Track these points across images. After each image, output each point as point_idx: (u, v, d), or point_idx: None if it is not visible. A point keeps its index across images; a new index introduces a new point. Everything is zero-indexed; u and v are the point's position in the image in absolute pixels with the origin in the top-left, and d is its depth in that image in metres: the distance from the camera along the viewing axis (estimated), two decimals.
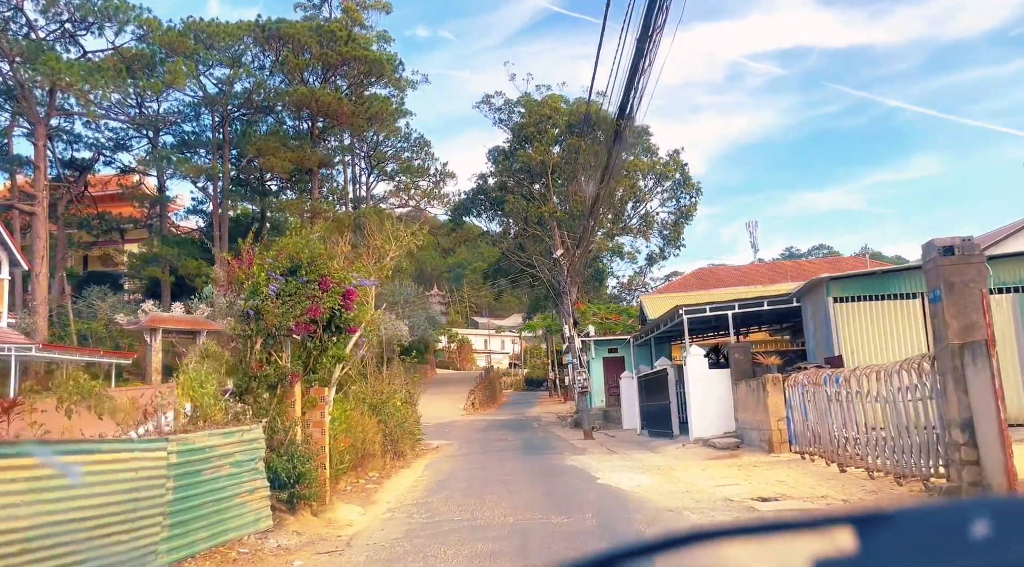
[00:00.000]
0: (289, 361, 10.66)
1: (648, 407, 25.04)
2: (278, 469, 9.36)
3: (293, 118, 47.94)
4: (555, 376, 55.59)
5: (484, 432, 30.60)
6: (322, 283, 11.17)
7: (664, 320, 22.68)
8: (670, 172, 45.11)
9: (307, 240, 11.60)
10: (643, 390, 25.86)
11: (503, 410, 45.24)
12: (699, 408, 19.93)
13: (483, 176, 48.32)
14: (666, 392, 22.59)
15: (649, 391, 24.76)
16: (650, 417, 24.88)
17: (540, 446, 23.85)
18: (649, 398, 24.79)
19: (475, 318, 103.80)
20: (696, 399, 19.97)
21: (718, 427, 19.74)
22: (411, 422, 23.34)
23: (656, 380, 23.67)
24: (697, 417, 19.91)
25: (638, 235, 50.07)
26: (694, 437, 19.89)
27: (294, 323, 10.46)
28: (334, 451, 12.90)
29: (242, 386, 9.87)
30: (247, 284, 10.34)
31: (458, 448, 24.81)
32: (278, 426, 9.97)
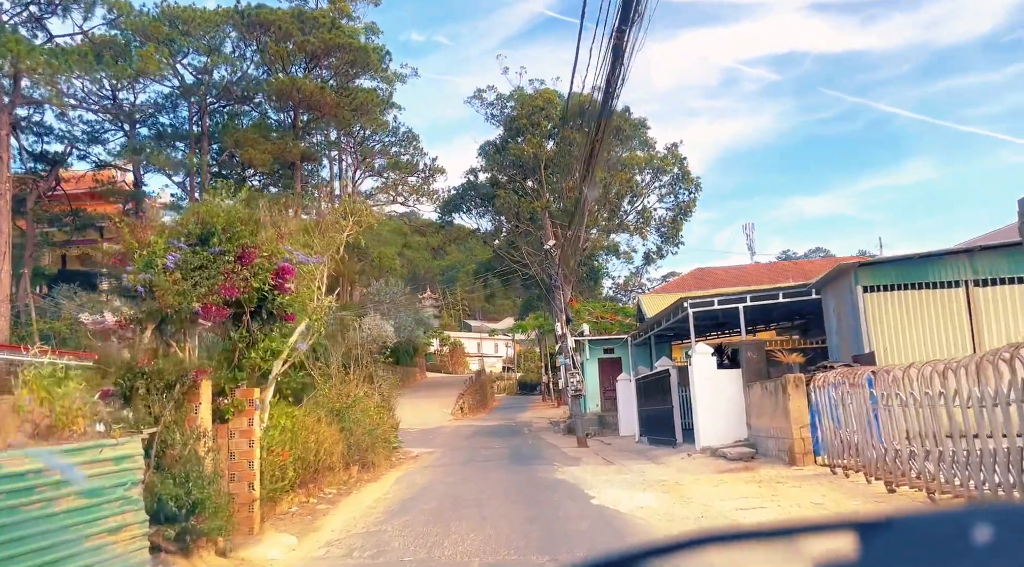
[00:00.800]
0: (195, 354, 8.20)
1: (648, 412, 22.59)
2: (164, 496, 6.90)
3: (276, 110, 45.48)
4: (548, 379, 53.09)
5: (470, 439, 28.13)
6: (244, 256, 8.72)
7: (666, 315, 20.25)
8: (668, 166, 42.73)
9: (228, 209, 9.14)
10: (642, 393, 23.42)
11: (493, 415, 42.74)
12: (706, 413, 17.50)
13: (473, 171, 45.92)
14: (668, 395, 20.16)
15: (649, 394, 22.32)
16: (650, 423, 22.43)
17: (528, 455, 21.38)
18: (649, 402, 22.35)
19: (468, 321, 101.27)
20: (703, 403, 17.54)
21: (728, 434, 17.31)
22: (385, 429, 20.93)
23: (657, 382, 21.24)
24: (704, 423, 17.47)
25: (635, 233, 47.67)
26: (701, 446, 17.44)
27: (201, 305, 8.00)
28: (270, 467, 10.43)
29: (124, 386, 7.40)
30: (140, 255, 7.88)
31: (439, 457, 22.35)
32: (175, 438, 7.51)
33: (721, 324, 24.65)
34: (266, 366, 10.14)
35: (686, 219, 43.96)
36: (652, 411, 21.90)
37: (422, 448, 25.53)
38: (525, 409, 46.63)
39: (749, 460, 15.70)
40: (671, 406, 20.02)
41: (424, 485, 15.45)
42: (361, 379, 20.12)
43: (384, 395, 24.99)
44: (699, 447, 17.47)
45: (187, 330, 8.17)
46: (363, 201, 52.45)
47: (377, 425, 19.94)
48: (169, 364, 7.64)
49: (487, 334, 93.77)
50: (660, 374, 20.75)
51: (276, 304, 9.55)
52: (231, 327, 9.41)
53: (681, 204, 43.93)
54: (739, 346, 17.57)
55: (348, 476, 16.30)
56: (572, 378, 23.75)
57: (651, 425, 22.33)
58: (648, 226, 43.10)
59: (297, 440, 12.21)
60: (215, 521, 7.41)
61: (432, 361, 78.74)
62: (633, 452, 20.93)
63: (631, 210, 43.45)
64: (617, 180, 40.95)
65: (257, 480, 9.61)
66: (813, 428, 13.82)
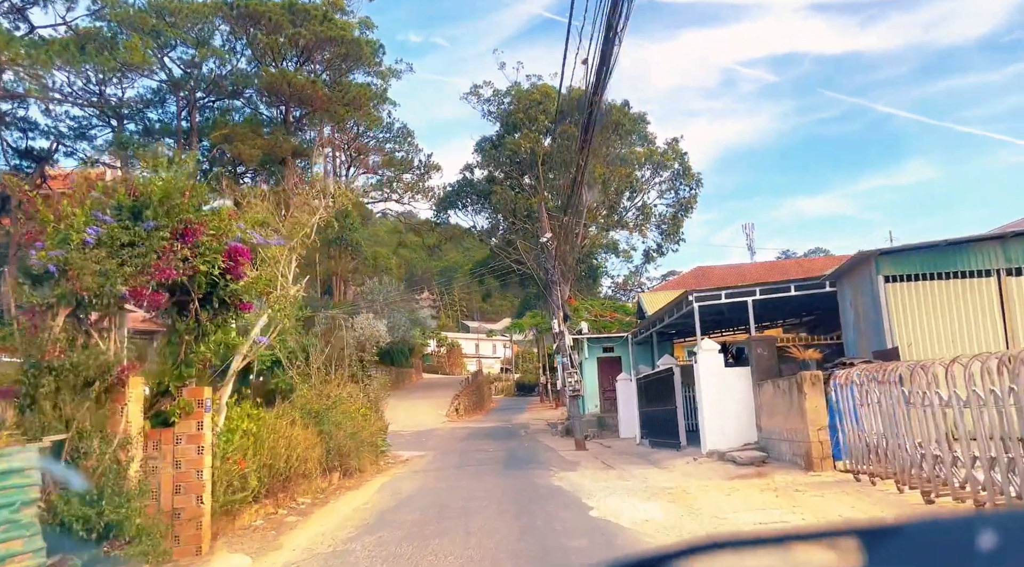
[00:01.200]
0: (122, 346, 6.93)
1: (650, 413, 21.33)
2: (68, 518, 5.63)
3: (267, 105, 44.28)
4: (547, 380, 51.82)
5: (464, 441, 26.86)
6: (185, 233, 7.46)
7: (670, 310, 18.97)
8: (669, 161, 41.50)
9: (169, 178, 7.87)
10: (644, 394, 22.15)
11: (490, 417, 41.46)
12: (713, 414, 16.23)
13: (469, 167, 44.68)
14: (671, 396, 18.89)
15: (651, 395, 21.06)
16: (652, 425, 21.16)
17: (524, 459, 20.12)
18: (651, 403, 21.08)
19: (466, 322, 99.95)
20: (709, 403, 16.27)
21: (736, 437, 16.04)
22: (372, 432, 19.69)
23: (659, 382, 19.97)
24: (711, 425, 16.20)
25: (634, 231, 46.45)
26: (707, 449, 16.17)
27: (128, 288, 6.73)
28: (226, 476, 9.15)
29: (28, 383, 6.13)
30: (54, 228, 6.62)
31: (430, 461, 21.09)
32: (90, 447, 6.24)
33: (726, 321, 23.41)
34: (220, 361, 8.87)
35: (687, 216, 42.76)
36: (654, 412, 20.64)
37: (413, 451, 24.29)
38: (523, 410, 45.36)
39: (760, 465, 14.44)
40: (674, 407, 18.76)
41: (409, 493, 14.18)
42: (344, 379, 18.78)
43: (372, 396, 23.79)
44: (705, 450, 16.21)
45: (113, 318, 6.91)
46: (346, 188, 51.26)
47: (362, 428, 18.69)
48: (86, 358, 6.37)
49: (485, 335, 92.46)
50: (663, 373, 19.48)
51: (228, 291, 8.28)
52: (176, 317, 8.14)
53: (682, 200, 42.70)
54: (747, 343, 16.30)
55: (328, 483, 15.03)
56: (570, 378, 22.48)
57: (653, 427, 21.07)
58: (648, 223, 41.87)
59: (263, 446, 10.94)
60: (137, 546, 6.14)
61: (429, 362, 77.46)
62: (634, 455, 19.67)
63: (631, 206, 42.21)
64: (616, 175, 39.71)
65: (207, 492, 8.34)
66: (832, 430, 12.56)
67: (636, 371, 23.29)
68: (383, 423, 21.75)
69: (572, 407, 22.90)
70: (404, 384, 49.58)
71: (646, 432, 22.10)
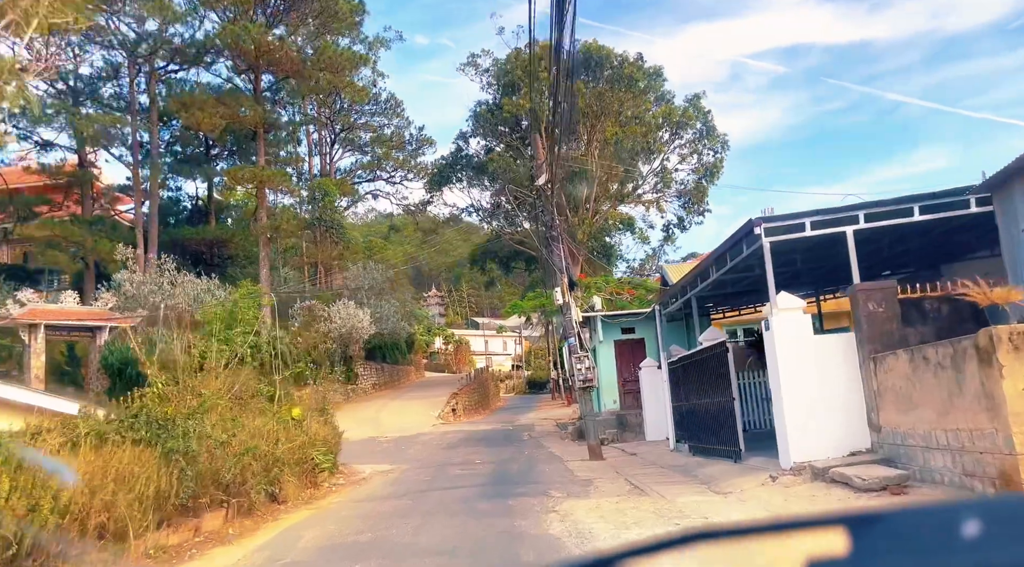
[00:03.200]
0: None
1: (689, 409, 15.28)
2: None
3: (234, 71, 38.45)
4: (558, 376, 45.82)
5: (451, 450, 20.93)
6: None
7: (717, 259, 12.88)
8: (690, 120, 35.36)
9: None
10: (679, 383, 16.12)
11: (493, 417, 35.48)
12: (800, 406, 10.20)
13: (464, 135, 38.75)
14: (724, 383, 12.87)
15: (690, 384, 15.00)
16: (693, 424, 15.12)
17: (517, 477, 14.14)
18: (691, 394, 15.03)
19: (475, 319, 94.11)
20: (794, 390, 10.25)
21: (838, 441, 10.03)
22: (301, 445, 13.84)
23: (703, 365, 13.93)
24: (797, 423, 10.17)
25: (652, 206, 40.37)
26: (793, 461, 10.12)
27: None
28: None
29: None
30: None
31: (391, 481, 15.22)
32: None
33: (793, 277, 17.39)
34: None
35: (712, 182, 36.60)
36: (697, 407, 14.58)
37: (382, 464, 18.46)
38: (531, 409, 39.35)
39: (900, 491, 8.40)
40: (729, 399, 12.71)
41: (312, 547, 8.30)
42: (218, 370, 12.91)
43: (319, 398, 18.00)
44: (789, 463, 10.16)
45: None
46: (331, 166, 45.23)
47: (282, 441, 12.85)
48: None
49: (495, 331, 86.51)
50: (709, 352, 13.43)
51: None
52: None
53: (706, 165, 36.54)
54: (851, 296, 10.22)
55: (186, 534, 9.12)
56: (579, 364, 16.48)
57: (695, 427, 15.02)
58: (669, 189, 35.73)
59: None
60: None
61: (436, 360, 71.74)
62: (671, 469, 13.64)
63: (648, 173, 36.07)
64: (630, 135, 33.62)
65: None
66: None
67: (667, 354, 17.25)
68: (327, 431, 15.86)
69: (584, 403, 16.89)
70: (400, 383, 43.73)
71: (684, 434, 16.06)
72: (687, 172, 36.67)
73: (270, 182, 35.81)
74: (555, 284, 16.97)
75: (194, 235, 40.58)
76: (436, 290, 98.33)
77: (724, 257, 12.46)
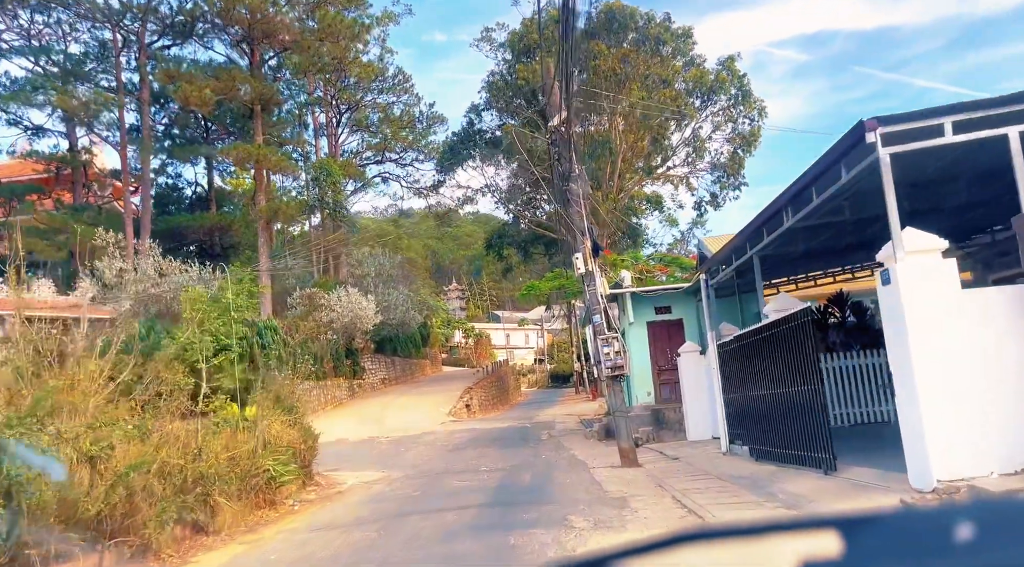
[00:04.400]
0: None
1: (750, 401, 11.68)
2: None
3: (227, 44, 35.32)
4: (581, 368, 42.32)
5: (456, 453, 17.55)
6: None
7: (803, 190, 9.18)
8: (724, 83, 31.59)
9: None
10: (735, 368, 12.54)
11: (511, 413, 32.05)
12: (945, 395, 6.65)
13: (476, 108, 35.26)
14: (806, 366, 9.31)
15: (752, 369, 11.41)
16: (756, 421, 11.53)
17: (528, 493, 10.68)
18: (752, 382, 11.44)
19: (497, 312, 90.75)
20: (935, 370, 6.70)
21: (1010, 448, 6.44)
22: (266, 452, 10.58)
23: (773, 342, 10.34)
24: (944, 420, 6.60)
25: (680, 184, 36.63)
26: (937, 479, 6.54)
27: None
28: None
29: None
30: None
31: (371, 497, 11.90)
32: None
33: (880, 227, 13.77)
34: None
35: (748, 153, 32.77)
36: (761, 399, 11.00)
37: (371, 472, 15.20)
38: (553, 404, 35.86)
39: None
40: (815, 387, 9.15)
41: None
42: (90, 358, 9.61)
43: (286, 393, 14.77)
44: (932, 481, 6.59)
45: None
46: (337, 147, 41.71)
47: (218, 451, 9.55)
48: None
49: (517, 324, 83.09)
50: (784, 325, 9.85)
51: None
52: None
53: (742, 134, 32.74)
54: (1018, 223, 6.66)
55: None
56: (606, 347, 12.97)
57: (758, 424, 11.44)
58: (701, 160, 32.00)
59: None
60: None
61: (456, 354, 68.52)
62: (732, 481, 10.07)
63: (679, 143, 32.35)
64: (659, 100, 29.96)
65: None
66: None
67: (715, 335, 13.68)
68: (293, 434, 12.53)
69: (613, 395, 13.35)
70: (413, 377, 40.43)
71: (741, 434, 12.50)
72: (721, 141, 32.93)
73: (267, 161, 32.60)
74: (571, 234, 13.44)
75: (192, 222, 37.58)
76: (456, 283, 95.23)
77: (806, 192, 8.86)
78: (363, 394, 32.25)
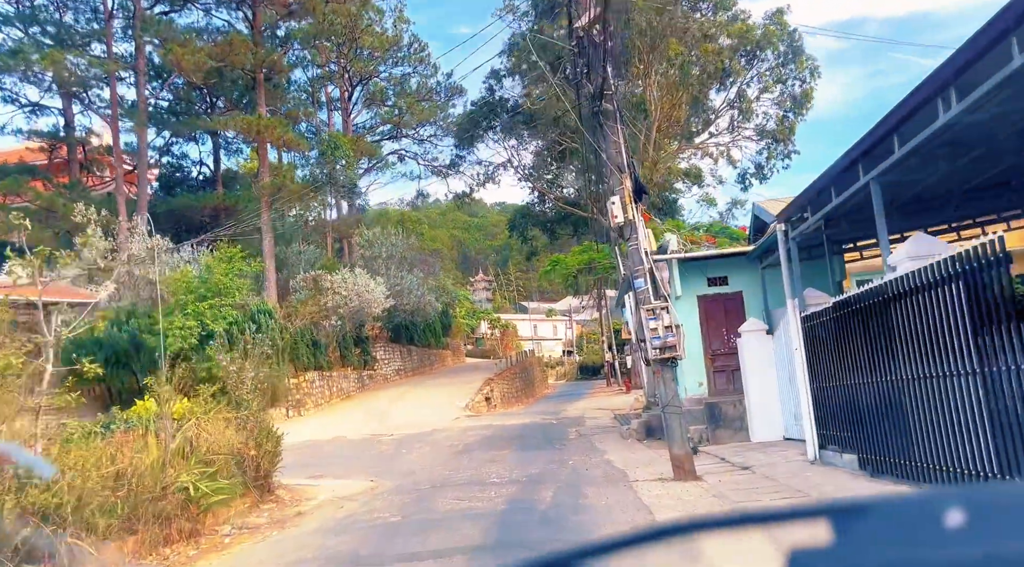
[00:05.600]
0: None
1: (866, 392, 8.24)
2: None
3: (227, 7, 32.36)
4: (612, 358, 38.92)
5: (463, 456, 14.32)
6: None
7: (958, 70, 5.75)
8: (772, 38, 27.90)
9: None
10: (834, 348, 9.10)
11: (535, 407, 28.78)
12: None
13: (496, 74, 31.91)
14: (959, 341, 5.86)
15: (866, 348, 7.99)
16: (865, 419, 8.10)
17: (543, 532, 7.36)
18: (869, 367, 8.03)
19: (524, 303, 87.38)
20: None
21: None
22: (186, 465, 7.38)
23: (910, 306, 6.93)
24: None
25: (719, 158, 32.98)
26: None
27: None
28: None
29: None
30: None
31: (334, 526, 8.72)
32: None
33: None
34: None
35: (800, 116, 29.04)
36: (877, 389, 7.59)
37: (356, 481, 12.14)
38: (582, 397, 32.49)
39: None
40: (965, 373, 5.71)
41: None
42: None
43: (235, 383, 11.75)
44: None
45: None
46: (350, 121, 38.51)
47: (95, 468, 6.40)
48: None
49: (544, 315, 79.69)
50: (926, 279, 6.47)
51: None
52: None
53: (792, 95, 29.01)
54: None
55: None
56: (653, 320, 9.65)
57: (869, 424, 8.02)
58: (747, 124, 28.33)
59: None
60: None
61: (482, 346, 65.41)
62: None
63: (723, 104, 28.71)
64: (700, 55, 26.38)
65: None
66: None
67: (796, 305, 10.25)
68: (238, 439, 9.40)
69: (663, 385, 9.96)
70: (431, 368, 37.32)
71: (841, 435, 9.07)
72: (768, 105, 29.21)
73: (270, 134, 29.60)
74: (604, 171, 10.05)
75: (195, 203, 34.81)
76: (483, 274, 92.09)
77: (976, 65, 5.42)
78: (374, 386, 29.21)
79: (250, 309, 23.02)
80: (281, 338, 23.20)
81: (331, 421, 22.34)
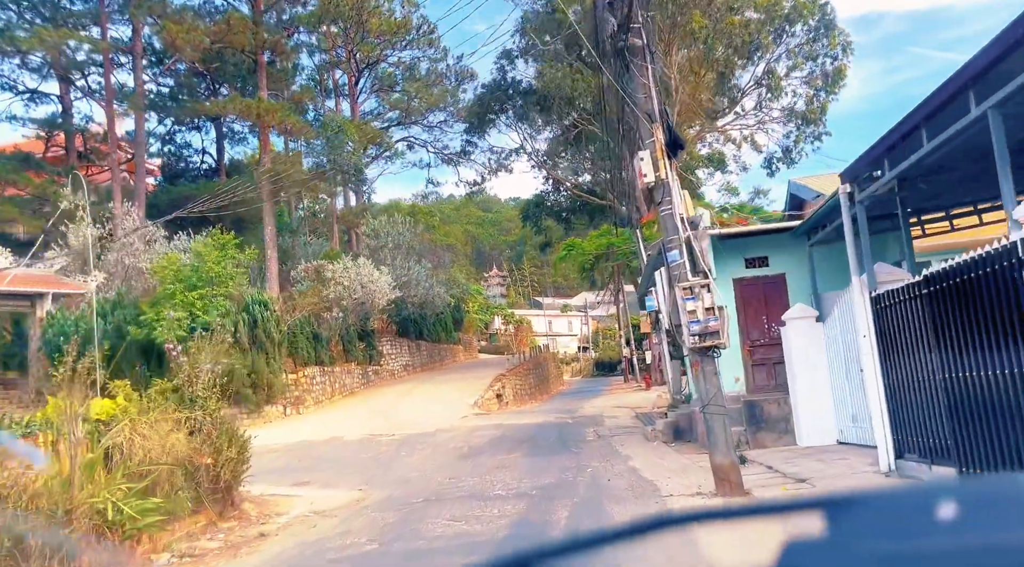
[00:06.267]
0: None
1: (978, 387, 6.38)
2: None
3: None
4: (630, 354, 37.00)
5: (468, 460, 12.55)
6: None
7: None
8: (802, 11, 25.89)
9: None
10: (912, 333, 7.24)
11: (550, 405, 26.97)
12: None
13: (508, 54, 30.09)
14: None
15: (965, 331, 6.15)
16: (972, 421, 6.23)
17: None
18: (961, 354, 6.19)
19: (538, 299, 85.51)
20: None
21: None
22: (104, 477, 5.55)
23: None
24: None
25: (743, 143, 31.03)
26: None
27: None
28: None
29: None
30: None
31: (296, 552, 6.90)
32: None
33: None
34: None
35: (833, 95, 27.02)
36: (1000, 381, 5.75)
37: (340, 491, 10.36)
38: (599, 394, 30.63)
39: None
40: None
41: None
42: None
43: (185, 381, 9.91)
44: None
45: None
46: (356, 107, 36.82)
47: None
48: None
49: (559, 310, 77.78)
50: None
51: None
52: None
53: (824, 72, 26.99)
54: None
55: None
56: (691, 301, 7.88)
57: (976, 427, 6.15)
58: (776, 102, 26.36)
59: None
60: None
61: (495, 341, 63.61)
62: None
63: (749, 81, 26.74)
64: (725, 29, 24.43)
65: None
66: None
67: (864, 283, 8.41)
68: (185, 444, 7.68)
69: (701, 377, 8.16)
70: (441, 364, 35.59)
71: (930, 444, 7.19)
72: (798, 83, 27.17)
73: (271, 117, 28.00)
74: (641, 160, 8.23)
75: (197, 192, 33.24)
76: (497, 269, 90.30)
77: None
78: (379, 382, 27.53)
79: (244, 300, 21.41)
80: (278, 330, 21.55)
81: (331, 419, 20.70)
